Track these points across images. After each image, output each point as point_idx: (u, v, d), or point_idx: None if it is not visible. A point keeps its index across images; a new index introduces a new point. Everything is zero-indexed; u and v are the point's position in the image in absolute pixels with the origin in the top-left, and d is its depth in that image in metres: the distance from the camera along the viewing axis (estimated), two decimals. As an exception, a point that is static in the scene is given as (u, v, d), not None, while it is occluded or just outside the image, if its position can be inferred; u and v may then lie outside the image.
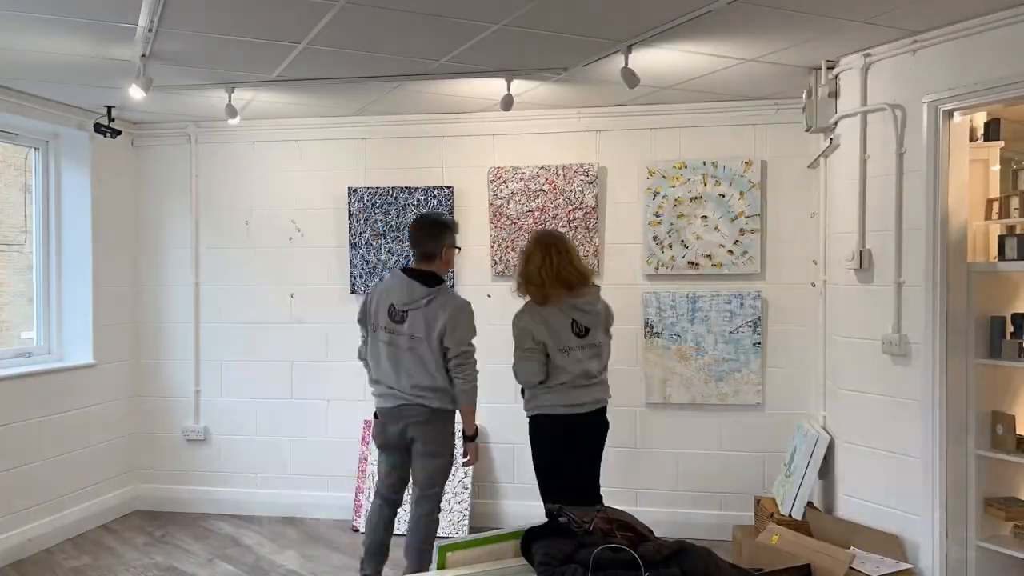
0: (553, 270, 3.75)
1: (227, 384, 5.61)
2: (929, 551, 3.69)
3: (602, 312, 3.92)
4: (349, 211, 5.36)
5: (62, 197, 5.33)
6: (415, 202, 5.29)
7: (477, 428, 3.94)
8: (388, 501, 4.00)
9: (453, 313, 3.76)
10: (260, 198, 5.57)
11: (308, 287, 5.49)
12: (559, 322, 3.77)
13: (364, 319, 3.94)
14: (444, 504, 4.26)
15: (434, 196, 5.28)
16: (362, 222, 5.36)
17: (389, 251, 5.33)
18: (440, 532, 3.95)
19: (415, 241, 3.89)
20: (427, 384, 3.78)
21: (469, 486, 5.18)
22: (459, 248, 4.07)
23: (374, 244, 5.34)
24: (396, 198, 5.31)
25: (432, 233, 3.85)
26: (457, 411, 3.89)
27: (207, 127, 5.58)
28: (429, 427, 3.82)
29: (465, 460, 3.97)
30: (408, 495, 4.05)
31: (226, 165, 5.61)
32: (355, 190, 5.36)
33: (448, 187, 5.28)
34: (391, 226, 5.32)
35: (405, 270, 3.88)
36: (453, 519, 5.07)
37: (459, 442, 4.06)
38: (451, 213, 5.24)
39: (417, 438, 3.83)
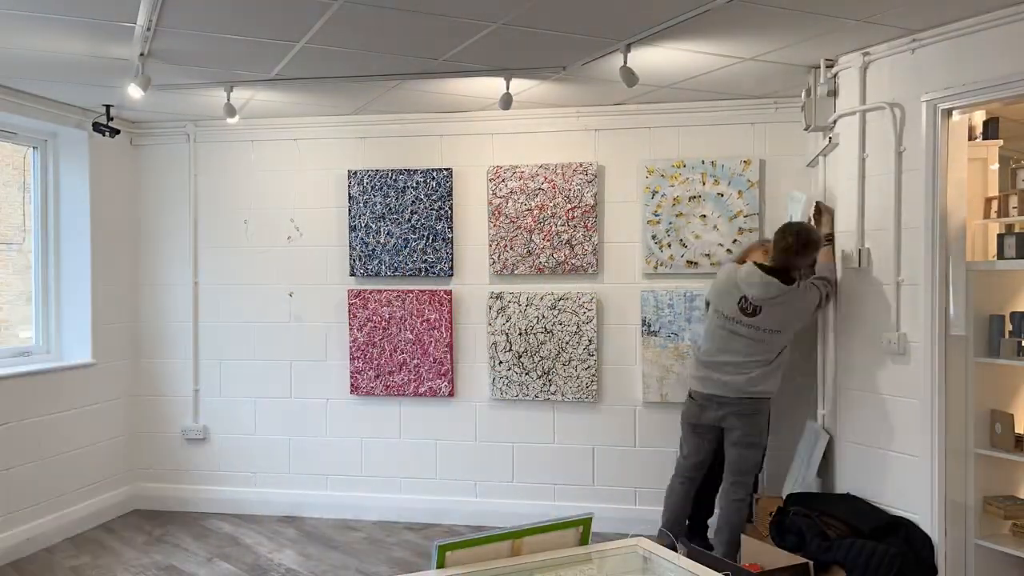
0: None
1: (226, 383, 5.60)
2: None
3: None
4: (349, 194, 5.37)
5: (61, 196, 5.32)
6: (414, 184, 5.30)
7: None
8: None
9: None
10: (259, 197, 5.57)
11: (307, 286, 5.49)
12: None
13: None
14: None
15: (432, 178, 5.28)
16: (362, 204, 5.36)
17: (388, 234, 5.33)
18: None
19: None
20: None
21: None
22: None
23: (373, 227, 5.35)
24: (395, 180, 5.32)
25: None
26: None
27: (206, 126, 5.58)
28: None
29: None
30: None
31: (225, 164, 5.61)
32: (355, 172, 5.37)
33: (447, 169, 5.28)
34: (390, 208, 5.32)
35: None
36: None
37: None
38: (450, 198, 5.26)
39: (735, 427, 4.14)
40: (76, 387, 5.20)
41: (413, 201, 5.31)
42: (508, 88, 4.39)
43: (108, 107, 5.12)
